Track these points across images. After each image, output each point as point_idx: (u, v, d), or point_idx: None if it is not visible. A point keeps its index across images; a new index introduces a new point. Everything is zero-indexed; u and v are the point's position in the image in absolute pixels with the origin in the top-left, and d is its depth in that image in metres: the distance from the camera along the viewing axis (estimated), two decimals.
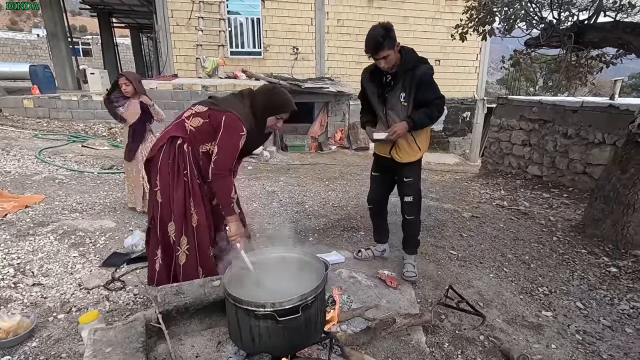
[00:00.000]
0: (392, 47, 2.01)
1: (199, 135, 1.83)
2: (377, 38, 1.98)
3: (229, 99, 1.88)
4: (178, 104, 7.50)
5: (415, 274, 2.38)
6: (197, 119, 1.83)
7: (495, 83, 23.01)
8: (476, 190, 5.09)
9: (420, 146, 2.27)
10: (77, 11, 23.14)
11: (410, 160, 2.28)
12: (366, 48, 2.05)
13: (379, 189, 2.51)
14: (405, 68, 2.09)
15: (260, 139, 1.99)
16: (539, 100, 5.38)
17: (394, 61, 2.08)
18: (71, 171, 4.66)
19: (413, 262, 2.46)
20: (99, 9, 13.04)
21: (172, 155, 1.84)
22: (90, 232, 2.82)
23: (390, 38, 1.99)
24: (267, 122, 1.89)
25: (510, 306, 2.22)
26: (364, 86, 2.32)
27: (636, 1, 3.34)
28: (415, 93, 2.10)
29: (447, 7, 10.24)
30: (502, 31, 4.11)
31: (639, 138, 2.97)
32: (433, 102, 2.13)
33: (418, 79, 2.07)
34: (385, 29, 1.99)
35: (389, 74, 2.17)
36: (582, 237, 3.28)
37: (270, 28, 9.78)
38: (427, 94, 2.11)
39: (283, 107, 1.88)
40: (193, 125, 1.82)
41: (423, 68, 2.10)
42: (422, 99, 2.12)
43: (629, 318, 2.17)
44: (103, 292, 2.08)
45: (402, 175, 2.33)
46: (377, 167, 2.48)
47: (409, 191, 2.33)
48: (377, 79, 2.22)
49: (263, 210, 3.78)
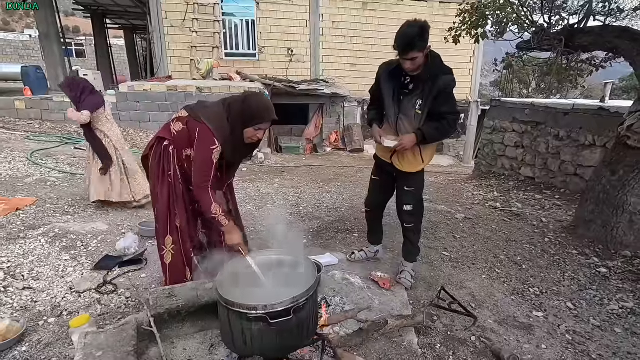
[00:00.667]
0: (423, 50, 1.85)
1: (180, 139, 1.83)
2: (411, 37, 1.80)
3: (212, 107, 1.82)
4: (172, 105, 7.47)
5: (410, 282, 2.31)
6: (179, 123, 1.83)
7: (489, 85, 23.21)
8: (470, 191, 5.13)
9: (424, 158, 2.18)
10: (70, 12, 22.96)
11: (412, 171, 2.19)
12: (396, 44, 1.86)
13: (379, 194, 2.43)
14: (429, 75, 1.95)
15: (244, 150, 1.91)
16: (531, 103, 5.45)
17: (420, 64, 1.92)
18: (63, 173, 4.62)
19: (411, 271, 2.39)
20: (92, 10, 12.96)
21: (158, 156, 1.86)
22: (82, 234, 2.80)
23: (424, 40, 1.83)
24: (245, 134, 1.79)
25: (502, 307, 2.24)
26: (380, 83, 2.13)
27: (624, 6, 3.40)
28: (432, 103, 1.97)
29: (441, 10, 10.33)
30: (494, 34, 4.16)
31: (628, 140, 3.02)
32: (447, 116, 2.00)
33: (438, 89, 1.94)
34: (421, 29, 1.81)
35: (409, 77, 2.02)
36: (573, 238, 3.32)
37: (265, 30, 9.80)
38: (444, 107, 1.98)
39: (259, 118, 1.76)
40: (175, 129, 1.83)
41: (447, 79, 1.96)
42: (437, 111, 1.98)
43: (618, 318, 2.19)
44: (94, 296, 2.06)
45: (403, 184, 2.25)
46: (378, 171, 2.39)
47: (409, 200, 2.24)
48: (396, 79, 2.06)
49: (257, 213, 3.78)
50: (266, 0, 9.58)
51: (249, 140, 1.84)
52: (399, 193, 2.30)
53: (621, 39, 3.30)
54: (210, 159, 1.72)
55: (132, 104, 7.42)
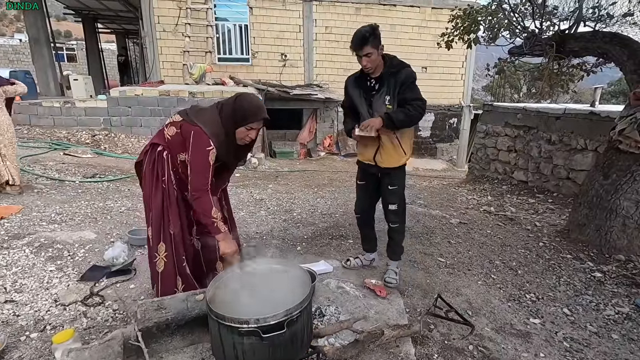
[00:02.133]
0: (376, 47, 2.04)
1: (174, 144, 1.80)
2: (364, 33, 2.01)
3: (205, 110, 1.82)
4: (164, 110, 7.40)
5: (396, 281, 2.37)
6: (172, 128, 1.80)
7: (481, 90, 23.45)
8: (464, 196, 5.13)
9: (405, 149, 2.26)
10: (62, 16, 22.74)
11: (395, 166, 2.26)
12: (351, 43, 2.07)
13: (366, 198, 2.48)
14: (390, 72, 2.13)
15: (238, 152, 1.90)
16: (523, 107, 5.49)
17: (377, 63, 2.10)
18: (51, 180, 4.52)
19: (395, 269, 2.45)
20: (83, 14, 12.84)
21: (152, 162, 1.82)
22: (69, 244, 2.71)
23: (376, 37, 2.02)
24: (237, 134, 1.79)
25: (499, 314, 2.21)
26: (348, 93, 2.31)
27: (614, 12, 3.44)
28: (397, 95, 2.12)
29: (433, 15, 10.43)
30: (486, 40, 4.19)
31: (620, 145, 3.03)
32: (412, 102, 2.13)
33: (401, 81, 2.11)
34: (372, 27, 2.03)
35: (374, 79, 2.18)
36: (567, 242, 3.32)
37: (259, 35, 9.78)
38: (408, 94, 2.12)
39: (249, 116, 1.76)
40: (169, 134, 1.80)
41: (406, 71, 2.13)
42: (401, 99, 2.13)
43: (615, 324, 2.18)
44: (80, 308, 1.98)
45: (386, 183, 2.31)
46: (362, 175, 2.45)
47: (393, 199, 2.32)
48: (362, 84, 2.23)
49: (250, 219, 3.72)
50: (259, 6, 9.58)
51: (241, 141, 1.83)
52: (383, 194, 2.38)
53: (611, 44, 3.34)
54: (207, 160, 1.70)
55: (124, 109, 7.34)
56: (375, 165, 2.28)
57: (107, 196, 4.14)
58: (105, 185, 4.61)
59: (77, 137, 6.94)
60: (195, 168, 1.70)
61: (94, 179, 4.84)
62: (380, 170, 2.29)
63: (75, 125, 7.29)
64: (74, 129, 7.21)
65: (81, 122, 7.32)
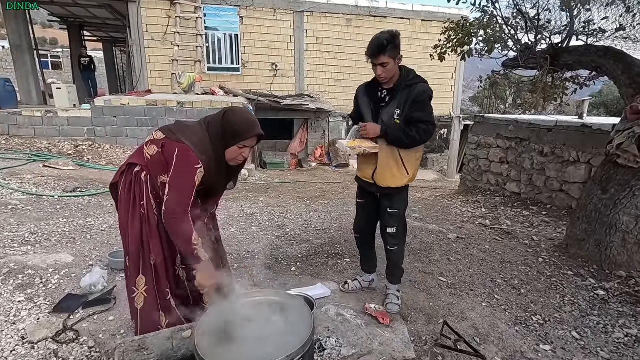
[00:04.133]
0: (394, 57, 1.90)
1: (154, 164, 1.59)
2: (382, 40, 1.86)
3: (192, 126, 1.62)
4: (152, 120, 7.20)
5: (399, 306, 2.22)
6: (153, 146, 1.58)
7: (468, 100, 23.85)
8: (458, 208, 5.06)
9: (408, 170, 2.08)
10: (47, 23, 22.30)
11: (396, 186, 2.09)
12: (367, 50, 1.92)
13: (365, 217, 2.34)
14: (404, 84, 1.99)
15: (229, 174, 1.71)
16: (515, 119, 5.50)
17: (392, 74, 1.97)
18: (28, 195, 4.26)
19: (396, 293, 2.30)
20: (69, 21, 12.56)
21: (128, 184, 1.61)
22: (42, 269, 2.48)
23: (395, 46, 1.88)
24: (227, 154, 1.59)
25: (507, 340, 2.09)
26: (357, 102, 2.17)
27: (606, 27, 3.45)
28: (408, 109, 1.97)
29: (423, 27, 10.55)
30: (480, 52, 4.17)
31: (618, 159, 3.00)
32: (419, 124, 1.97)
33: (414, 97, 1.96)
34: (391, 35, 1.88)
35: (386, 89, 2.05)
36: (567, 258, 3.25)
37: (249, 45, 9.71)
38: (417, 113, 1.97)
39: (241, 133, 1.56)
40: (149, 153, 1.59)
41: (422, 87, 1.99)
42: (409, 117, 1.97)
43: (626, 348, 2.09)
44: (51, 347, 1.75)
45: (385, 205, 2.16)
46: (361, 193, 2.31)
47: (392, 222, 2.16)
48: (372, 93, 2.11)
49: (241, 236, 3.55)
50: (250, 16, 9.53)
51: (233, 162, 1.64)
52: (382, 216, 2.22)
53: (605, 58, 3.34)
54: (193, 180, 1.49)
55: (109, 118, 7.11)
56: (375, 185, 2.12)
57: (88, 212, 3.91)
58: (86, 200, 4.37)
59: (58, 148, 6.66)
60: (176, 186, 1.49)
61: (75, 193, 4.60)
62: (379, 190, 2.13)
63: (57, 136, 7.01)
64: (56, 139, 6.94)
65: (64, 132, 7.05)
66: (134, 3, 8.72)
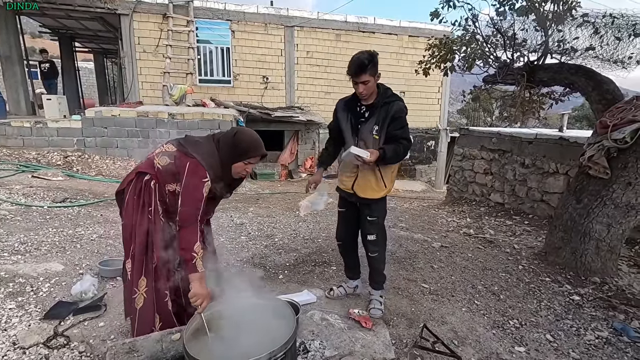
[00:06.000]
0: (374, 75, 2.03)
1: (165, 174, 1.74)
2: (363, 60, 1.98)
3: (202, 142, 1.79)
4: (142, 131, 7.25)
5: (381, 311, 2.32)
6: (165, 157, 1.75)
7: (456, 113, 24.41)
8: (444, 218, 5.19)
9: (386, 183, 2.23)
10: (37, 34, 22.22)
11: (374, 197, 2.23)
12: (348, 69, 2.04)
13: (347, 225, 2.44)
14: (382, 102, 2.10)
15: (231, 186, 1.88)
16: (497, 132, 5.70)
17: (372, 91, 2.09)
18: (17, 205, 4.25)
19: (379, 298, 2.40)
20: (60, 33, 12.60)
21: (138, 191, 1.74)
22: (33, 277, 2.51)
23: (375, 64, 2.01)
24: (233, 168, 1.78)
25: (484, 342, 2.19)
26: (337, 115, 2.26)
27: (577, 46, 3.69)
28: (387, 127, 2.09)
29: (410, 42, 10.88)
30: (462, 68, 4.38)
31: (590, 170, 3.17)
32: (401, 140, 2.10)
33: (392, 114, 2.08)
34: (371, 55, 2.01)
35: (365, 106, 2.16)
36: (545, 265, 3.38)
37: (240, 57, 9.88)
38: (398, 131, 2.10)
39: (249, 151, 1.76)
40: (160, 163, 1.74)
41: (399, 104, 2.11)
42: (392, 135, 2.10)
43: (596, 349, 2.20)
44: (42, 351, 1.80)
45: (365, 214, 2.28)
46: (342, 202, 2.42)
47: (372, 230, 2.28)
48: (352, 108, 2.20)
49: (230, 245, 3.61)
50: (242, 29, 9.73)
51: (237, 175, 1.82)
52: (362, 224, 2.34)
53: (577, 76, 3.56)
54: (201, 192, 1.65)
55: (99, 129, 7.13)
56: (355, 195, 2.25)
57: (78, 222, 3.93)
58: (76, 211, 4.38)
59: (47, 159, 6.64)
60: (187, 199, 1.64)
61: (64, 203, 4.60)
62: (359, 200, 2.26)
63: (46, 146, 6.99)
64: (45, 149, 6.92)
65: (53, 142, 7.04)
66: (127, 16, 8.84)
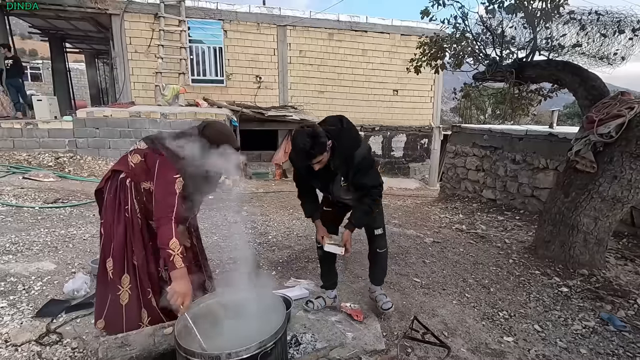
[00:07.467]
0: (323, 151, 1.85)
1: (138, 172, 1.74)
2: (306, 149, 1.80)
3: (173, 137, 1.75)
4: (135, 132, 7.20)
5: (391, 303, 2.30)
6: (137, 155, 1.75)
7: (449, 111, 24.60)
8: (436, 214, 5.25)
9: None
10: (26, 35, 21.99)
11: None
12: (297, 160, 1.90)
13: (331, 226, 2.28)
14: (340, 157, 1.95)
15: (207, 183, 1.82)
16: (489, 129, 5.77)
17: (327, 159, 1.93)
18: (7, 206, 4.22)
19: (383, 292, 2.39)
20: (50, 33, 12.48)
21: (114, 190, 1.75)
22: (25, 276, 2.51)
23: (320, 144, 1.81)
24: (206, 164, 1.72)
25: (474, 333, 2.23)
26: (300, 171, 2.13)
27: (565, 43, 3.75)
28: (352, 177, 1.99)
29: (402, 41, 10.94)
30: (452, 66, 4.43)
31: (577, 164, 3.23)
32: (370, 190, 2.02)
33: (355, 166, 1.97)
34: (311, 137, 1.79)
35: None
36: (535, 259, 3.44)
37: (233, 57, 9.86)
38: (365, 179, 2.01)
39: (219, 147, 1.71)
40: (133, 161, 1.75)
41: (359, 154, 1.97)
42: (360, 184, 2.02)
43: (583, 338, 2.25)
44: (35, 348, 1.80)
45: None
46: (328, 202, 2.31)
47: (378, 223, 2.25)
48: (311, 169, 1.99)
49: (224, 243, 3.61)
50: (234, 29, 9.71)
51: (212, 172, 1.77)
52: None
53: (564, 72, 3.62)
54: (173, 189, 1.62)
55: (91, 130, 7.08)
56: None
57: (70, 223, 3.91)
58: (68, 211, 4.36)
59: (38, 160, 6.58)
60: (159, 195, 1.63)
61: (56, 204, 4.57)
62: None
63: (37, 147, 6.93)
64: (36, 151, 6.85)
65: (44, 144, 6.97)
66: (118, 16, 8.78)
